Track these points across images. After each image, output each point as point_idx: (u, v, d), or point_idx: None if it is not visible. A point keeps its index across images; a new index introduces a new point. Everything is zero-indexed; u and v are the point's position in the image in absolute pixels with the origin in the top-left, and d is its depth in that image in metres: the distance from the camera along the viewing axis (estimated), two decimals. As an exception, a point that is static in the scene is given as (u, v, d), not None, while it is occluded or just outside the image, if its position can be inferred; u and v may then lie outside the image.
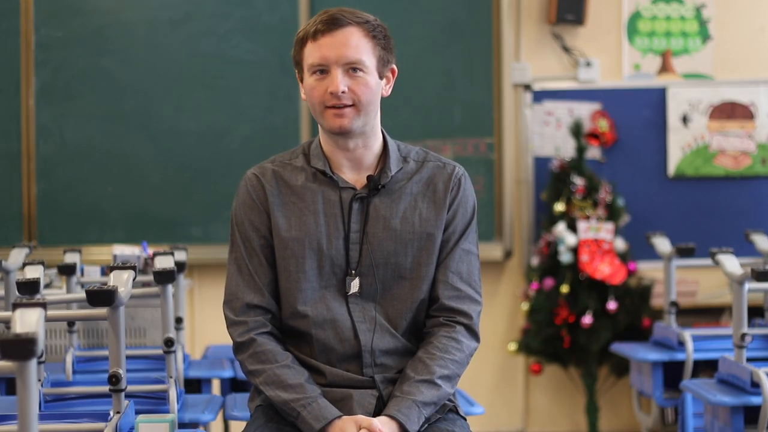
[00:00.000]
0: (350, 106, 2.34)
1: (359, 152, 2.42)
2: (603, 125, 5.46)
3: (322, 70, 2.35)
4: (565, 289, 5.19)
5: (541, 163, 5.51)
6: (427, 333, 2.43)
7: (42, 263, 3.11)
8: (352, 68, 2.34)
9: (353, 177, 2.43)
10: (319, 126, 2.44)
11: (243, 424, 2.55)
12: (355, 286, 2.40)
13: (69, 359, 3.24)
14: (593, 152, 5.48)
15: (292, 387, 2.33)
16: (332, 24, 2.35)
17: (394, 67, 2.44)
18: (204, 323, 5.32)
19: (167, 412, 2.78)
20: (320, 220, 2.40)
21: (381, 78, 2.40)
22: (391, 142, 2.46)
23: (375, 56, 2.37)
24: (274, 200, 2.42)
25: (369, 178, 2.41)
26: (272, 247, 2.42)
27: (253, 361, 2.38)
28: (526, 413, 5.58)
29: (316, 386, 2.35)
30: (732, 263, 3.21)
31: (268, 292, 2.42)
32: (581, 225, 5.22)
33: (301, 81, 2.42)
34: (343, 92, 2.33)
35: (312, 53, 2.36)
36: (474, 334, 2.44)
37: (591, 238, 5.21)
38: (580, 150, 5.35)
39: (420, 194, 2.44)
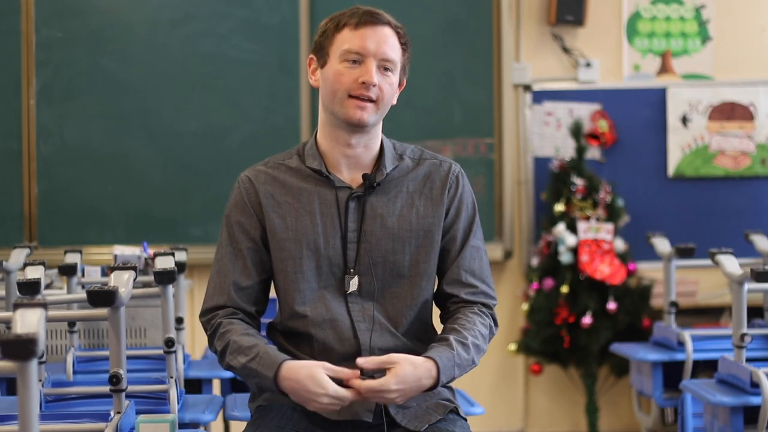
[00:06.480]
0: (373, 102, 2.36)
1: (359, 151, 2.42)
2: (603, 126, 5.47)
3: (356, 60, 2.35)
4: (565, 289, 5.19)
5: (541, 163, 5.51)
6: (452, 312, 2.45)
7: (43, 264, 3.12)
8: (385, 66, 2.37)
9: (349, 176, 2.43)
10: (321, 118, 2.44)
11: (243, 424, 2.56)
12: (354, 284, 2.40)
13: (70, 359, 3.24)
14: (593, 152, 5.49)
15: (248, 348, 2.33)
16: (375, 18, 2.38)
17: (405, 80, 2.47)
18: (204, 323, 5.32)
19: (168, 412, 2.79)
20: (317, 220, 2.40)
21: (399, 84, 2.43)
22: (386, 140, 2.47)
23: (401, 62, 2.42)
24: (269, 202, 2.42)
25: (365, 176, 2.41)
26: (260, 251, 2.42)
27: (219, 342, 2.39)
28: (526, 413, 5.59)
29: (268, 344, 2.35)
30: (731, 263, 3.21)
31: (246, 295, 2.42)
32: (581, 225, 5.22)
33: (320, 66, 2.42)
34: (374, 85, 2.34)
35: (350, 40, 2.36)
36: (495, 320, 2.47)
37: (591, 239, 5.21)
38: (580, 150, 5.36)
39: (417, 192, 2.44)
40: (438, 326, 2.51)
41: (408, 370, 2.25)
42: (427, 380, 2.28)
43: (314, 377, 2.24)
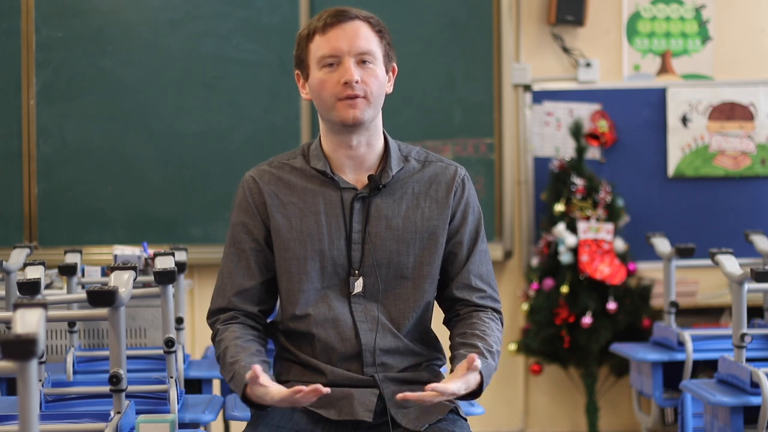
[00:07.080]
0: (362, 97, 2.34)
1: (362, 150, 2.41)
2: (603, 126, 5.47)
3: (333, 63, 2.35)
4: (565, 289, 5.19)
5: (541, 163, 5.51)
6: (464, 316, 2.44)
7: (43, 264, 3.12)
8: (363, 59, 2.35)
9: (354, 177, 2.43)
10: (321, 125, 2.44)
11: (243, 424, 2.56)
12: (358, 286, 2.39)
13: (70, 359, 3.24)
14: (593, 152, 5.49)
15: (230, 365, 2.33)
16: (341, 17, 2.36)
17: (395, 65, 2.46)
18: (204, 323, 5.28)
19: (168, 412, 2.79)
20: (321, 221, 2.40)
21: (387, 73, 2.41)
22: (392, 141, 2.46)
23: (382, 50, 2.39)
24: (273, 202, 2.42)
25: (370, 177, 2.41)
26: (264, 251, 2.42)
27: (216, 351, 2.42)
28: (526, 413, 5.58)
29: (252, 356, 2.33)
30: (731, 263, 3.21)
31: (249, 296, 2.43)
32: (581, 225, 5.22)
33: (305, 79, 2.41)
34: (356, 82, 2.33)
35: (322, 46, 2.36)
36: (503, 324, 2.48)
37: (591, 239, 5.21)
38: (580, 150, 5.36)
39: (422, 194, 2.44)
40: (435, 328, 2.50)
41: (473, 379, 2.27)
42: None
43: (259, 396, 2.24)
